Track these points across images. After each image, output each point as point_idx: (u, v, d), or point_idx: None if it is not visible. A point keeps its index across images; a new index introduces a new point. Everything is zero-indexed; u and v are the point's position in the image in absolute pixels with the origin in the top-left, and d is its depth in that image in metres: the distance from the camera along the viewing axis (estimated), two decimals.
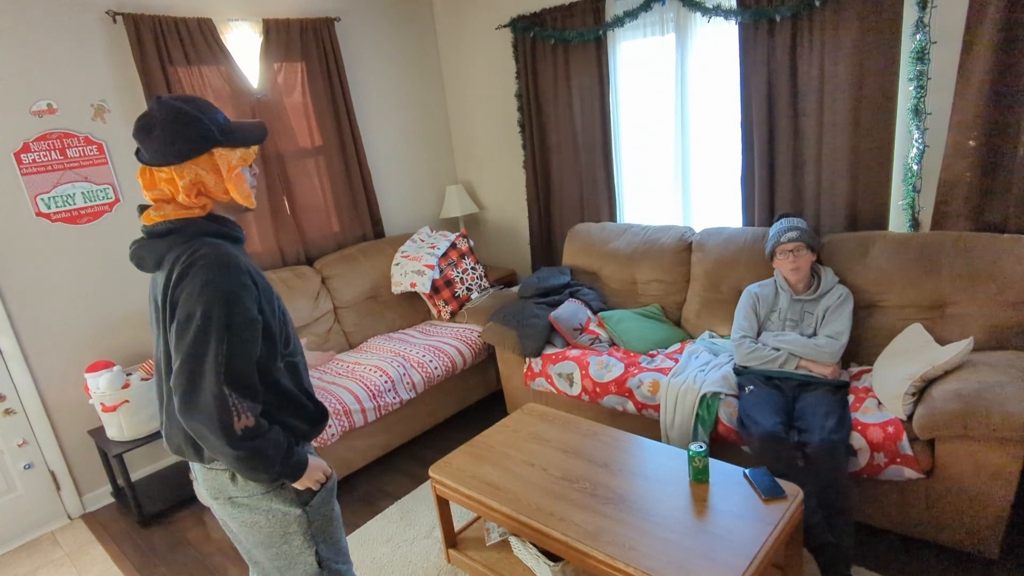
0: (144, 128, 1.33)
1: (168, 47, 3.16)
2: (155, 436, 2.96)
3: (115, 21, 3.04)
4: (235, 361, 1.29)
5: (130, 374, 3.03)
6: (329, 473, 1.54)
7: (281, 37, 3.61)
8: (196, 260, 1.29)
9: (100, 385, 2.85)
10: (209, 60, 3.32)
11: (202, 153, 1.35)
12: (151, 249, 1.37)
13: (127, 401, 2.87)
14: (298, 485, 1.45)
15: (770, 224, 3.18)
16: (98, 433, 3.05)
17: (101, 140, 3.06)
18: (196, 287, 1.27)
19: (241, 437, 1.29)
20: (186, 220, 1.36)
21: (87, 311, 3.10)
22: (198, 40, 3.25)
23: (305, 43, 3.72)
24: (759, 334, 2.70)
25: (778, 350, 2.56)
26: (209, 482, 1.47)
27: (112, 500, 3.27)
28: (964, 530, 2.12)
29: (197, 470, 1.50)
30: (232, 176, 1.39)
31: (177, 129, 1.32)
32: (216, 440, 1.28)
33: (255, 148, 1.45)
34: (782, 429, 2.23)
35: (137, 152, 1.37)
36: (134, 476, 3.32)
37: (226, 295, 1.28)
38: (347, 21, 4.00)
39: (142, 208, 1.41)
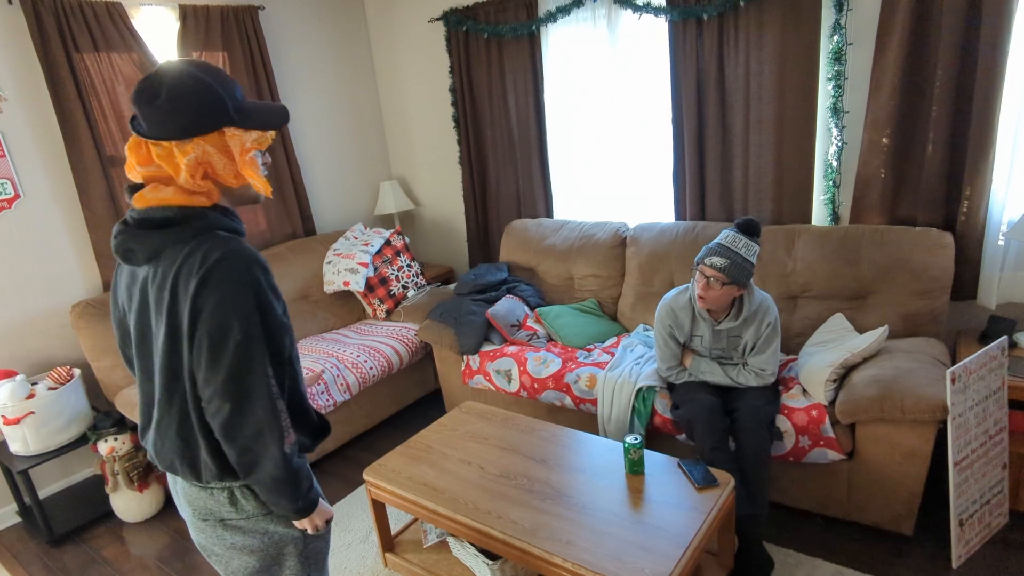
0: (146, 93, 1.13)
1: (73, 32, 2.93)
2: (64, 449, 2.76)
3: (10, 2, 2.80)
4: (278, 372, 1.19)
5: (35, 383, 2.81)
6: (330, 520, 1.41)
7: (200, 24, 3.42)
8: (221, 262, 1.12)
9: (1, 396, 2.63)
10: (120, 47, 3.11)
11: (211, 131, 1.16)
12: (143, 241, 1.16)
13: (32, 413, 2.66)
14: (300, 524, 1.32)
15: (701, 217, 3.25)
16: (0, 448, 2.82)
17: None
18: (228, 296, 1.11)
19: (292, 454, 1.20)
20: (193, 210, 1.17)
21: None
22: (107, 25, 3.04)
23: (227, 32, 3.54)
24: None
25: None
26: (200, 503, 1.30)
27: (18, 520, 3.03)
28: (882, 509, 2.22)
29: (184, 490, 1.32)
30: (246, 160, 1.20)
31: (187, 98, 1.13)
32: (271, 460, 1.17)
33: (272, 133, 1.25)
34: (718, 404, 2.30)
35: (132, 121, 1.18)
36: (42, 493, 3.08)
37: (260, 304, 1.15)
38: (272, 9, 3.84)
39: (132, 189, 1.20)
